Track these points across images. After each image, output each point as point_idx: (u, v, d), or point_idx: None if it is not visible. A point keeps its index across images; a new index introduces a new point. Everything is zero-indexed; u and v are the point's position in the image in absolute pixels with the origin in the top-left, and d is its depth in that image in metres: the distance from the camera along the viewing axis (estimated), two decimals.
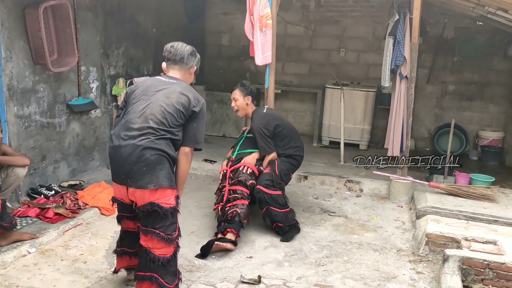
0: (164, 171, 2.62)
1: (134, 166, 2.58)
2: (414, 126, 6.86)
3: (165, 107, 2.69)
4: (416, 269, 3.56)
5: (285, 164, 4.22)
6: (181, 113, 2.71)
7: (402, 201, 5.09)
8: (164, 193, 2.63)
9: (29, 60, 4.37)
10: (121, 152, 2.63)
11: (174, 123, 2.70)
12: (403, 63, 4.98)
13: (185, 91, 2.78)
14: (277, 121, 4.24)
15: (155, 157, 2.60)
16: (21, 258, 3.44)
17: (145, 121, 2.66)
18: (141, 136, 2.62)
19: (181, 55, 2.91)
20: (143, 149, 2.59)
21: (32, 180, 4.57)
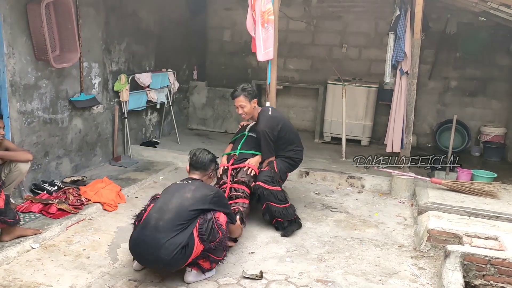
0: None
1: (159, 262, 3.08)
2: (416, 122, 6.87)
3: (179, 204, 3.12)
4: (417, 264, 3.57)
5: (283, 163, 4.31)
6: (189, 212, 3.11)
7: (403, 197, 5.10)
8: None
9: (31, 56, 4.38)
10: (141, 247, 3.09)
11: (185, 219, 3.09)
12: (403, 59, 4.98)
13: (195, 191, 3.21)
14: (281, 125, 4.25)
15: (169, 254, 2.99)
16: (24, 253, 3.46)
17: (161, 216, 3.10)
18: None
19: (202, 163, 3.40)
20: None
21: (35, 175, 4.59)
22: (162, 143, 6.77)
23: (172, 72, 6.88)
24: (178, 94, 7.44)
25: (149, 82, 6.24)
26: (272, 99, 5.37)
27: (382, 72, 5.68)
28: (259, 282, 3.19)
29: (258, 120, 4.25)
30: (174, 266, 3.01)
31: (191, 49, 7.88)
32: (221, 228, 3.12)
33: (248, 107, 4.19)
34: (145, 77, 6.17)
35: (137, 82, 6.04)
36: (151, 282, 3.15)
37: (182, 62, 7.65)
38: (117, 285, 3.09)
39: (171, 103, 6.93)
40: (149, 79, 6.24)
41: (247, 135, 4.39)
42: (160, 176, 5.56)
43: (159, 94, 6.62)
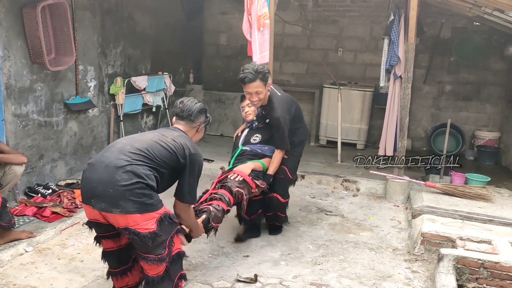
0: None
1: (101, 186, 2.43)
2: (410, 126, 6.90)
3: (154, 141, 2.61)
4: (411, 268, 3.58)
5: (294, 158, 3.90)
6: (166, 153, 2.58)
7: (398, 200, 5.12)
8: (136, 219, 2.41)
9: (26, 59, 4.38)
10: (91, 171, 2.50)
11: (159, 158, 2.56)
12: (397, 63, 5.01)
13: (177, 138, 2.68)
14: (295, 104, 3.77)
15: (125, 179, 2.41)
16: (18, 256, 3.45)
17: (129, 146, 2.55)
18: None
19: (188, 111, 2.86)
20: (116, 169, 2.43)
21: (29, 179, 4.58)
22: None
23: (168, 75, 6.89)
24: (174, 97, 7.43)
25: (145, 85, 6.25)
26: None
27: (377, 76, 5.71)
28: (253, 286, 3.19)
29: (272, 106, 3.57)
30: (123, 201, 2.36)
31: (187, 53, 7.90)
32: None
33: (264, 93, 3.45)
34: (141, 80, 6.17)
35: (133, 85, 6.05)
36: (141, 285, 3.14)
37: (178, 66, 7.66)
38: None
39: (167, 106, 6.94)
40: (145, 82, 6.24)
41: (240, 149, 3.90)
42: None
43: (155, 97, 6.63)
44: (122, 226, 2.42)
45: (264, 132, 3.92)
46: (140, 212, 2.39)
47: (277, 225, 4.07)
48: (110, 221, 2.47)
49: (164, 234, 2.47)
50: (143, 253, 2.48)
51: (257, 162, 3.73)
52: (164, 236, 2.47)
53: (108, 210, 2.39)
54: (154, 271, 2.51)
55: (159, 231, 2.44)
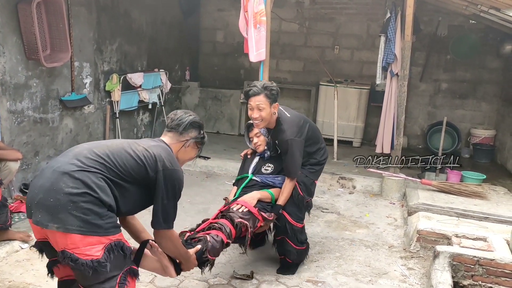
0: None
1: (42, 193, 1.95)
2: (407, 124, 6.91)
3: (123, 150, 2.12)
4: (407, 265, 3.59)
5: (311, 174, 3.42)
6: (134, 163, 2.09)
7: (394, 198, 5.13)
8: (75, 239, 1.90)
9: (22, 55, 4.35)
10: (38, 177, 2.04)
11: (124, 168, 2.06)
12: (394, 61, 5.02)
13: (157, 148, 2.21)
14: (308, 123, 3.36)
15: (71, 189, 1.92)
16: (13, 253, 3.43)
17: (89, 151, 2.06)
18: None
19: (178, 121, 2.39)
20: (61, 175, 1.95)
21: (25, 175, 4.56)
22: None
23: (164, 72, 6.86)
24: (170, 94, 7.43)
25: (141, 82, 6.23)
26: None
27: (374, 74, 5.71)
28: (249, 282, 3.20)
29: (278, 129, 3.23)
30: (64, 214, 1.87)
31: (183, 50, 7.87)
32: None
33: (267, 110, 3.11)
34: (137, 77, 6.15)
35: (129, 82, 6.02)
36: (141, 282, 3.13)
37: (175, 63, 7.64)
38: None
39: (163, 103, 6.92)
40: (141, 79, 6.22)
41: (250, 178, 3.45)
42: None
43: (151, 94, 6.61)
44: (59, 247, 1.91)
45: (276, 162, 3.47)
46: (83, 232, 1.88)
47: (288, 262, 3.37)
48: (50, 241, 1.97)
49: (113, 267, 1.95)
50: (81, 284, 1.99)
51: (265, 192, 3.28)
52: (112, 269, 1.95)
53: (43, 224, 1.89)
54: None
55: (105, 261, 1.91)
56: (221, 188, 5.29)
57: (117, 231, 2.00)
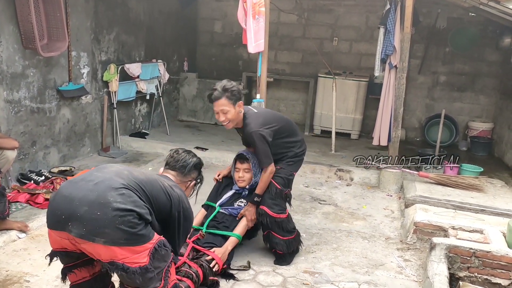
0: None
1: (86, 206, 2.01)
2: (405, 116, 6.90)
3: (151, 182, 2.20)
4: (403, 256, 3.61)
5: (289, 167, 3.46)
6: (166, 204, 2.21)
7: (391, 190, 5.14)
8: (124, 252, 2.00)
9: (19, 45, 4.32)
10: (68, 188, 2.08)
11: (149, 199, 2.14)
12: (393, 53, 5.00)
13: (178, 188, 2.35)
14: (276, 117, 3.47)
15: (118, 201, 2.00)
16: (11, 243, 3.43)
17: (118, 175, 2.13)
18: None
19: (183, 163, 2.54)
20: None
21: (22, 165, 4.55)
22: (151, 134, 6.73)
23: (162, 63, 6.83)
24: (168, 85, 7.40)
25: (139, 72, 6.20)
26: (262, 92, 5.36)
27: (373, 66, 5.69)
28: (246, 273, 3.21)
29: (245, 124, 3.29)
30: (110, 229, 1.93)
31: (181, 40, 7.82)
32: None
33: (232, 112, 3.17)
34: (135, 68, 6.12)
35: (126, 72, 5.99)
36: None
37: (173, 53, 7.60)
38: None
39: (161, 94, 6.89)
40: (139, 70, 6.19)
41: (216, 212, 3.44)
42: (149, 167, 5.53)
43: (149, 85, 6.58)
44: (105, 259, 1.99)
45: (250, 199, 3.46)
46: (130, 244, 1.97)
47: (279, 253, 3.39)
48: (87, 251, 2.03)
49: (158, 266, 2.09)
50: (134, 286, 2.09)
51: (235, 239, 3.28)
52: (156, 269, 2.08)
53: (89, 238, 1.93)
54: None
55: (151, 266, 2.04)
56: None
57: (154, 232, 2.10)
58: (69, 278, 2.23)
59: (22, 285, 2.92)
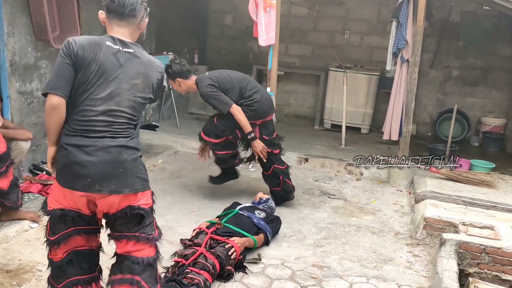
0: (139, 173, 2.24)
1: (110, 169, 2.15)
2: (416, 111, 6.84)
3: (132, 98, 2.22)
4: (413, 252, 3.60)
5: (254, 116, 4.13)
6: (148, 96, 2.30)
7: (401, 185, 5.12)
8: (141, 196, 2.26)
9: (31, 36, 4.35)
10: (87, 153, 2.14)
11: (140, 112, 2.31)
12: (405, 47, 4.95)
13: (149, 65, 2.31)
14: (224, 74, 4.14)
15: (132, 157, 2.20)
16: (23, 232, 3.48)
17: (114, 116, 2.18)
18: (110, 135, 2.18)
19: (131, 5, 2.22)
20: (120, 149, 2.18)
21: (34, 156, 4.59)
22: (161, 127, 6.76)
23: (173, 56, 6.83)
24: None
25: None
26: (273, 85, 5.36)
27: (384, 60, 5.65)
28: (255, 266, 3.22)
29: (198, 88, 4.11)
30: (132, 179, 2.19)
31: (192, 33, 7.81)
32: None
33: (176, 86, 4.23)
34: None
35: None
36: None
37: (183, 46, 7.59)
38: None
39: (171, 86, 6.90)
40: None
41: (236, 212, 3.62)
42: (159, 160, 5.56)
43: None
44: (123, 205, 2.19)
45: (268, 215, 3.74)
46: (144, 189, 2.25)
47: (277, 190, 4.32)
48: (103, 208, 2.21)
49: (153, 209, 2.34)
50: (133, 232, 2.24)
51: (251, 240, 3.36)
52: (153, 215, 2.33)
53: (119, 191, 2.15)
54: (144, 252, 2.26)
55: (152, 207, 2.32)
56: None
57: None
58: (69, 245, 2.29)
59: (34, 274, 2.97)
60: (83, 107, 2.15)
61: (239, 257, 3.15)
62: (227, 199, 4.35)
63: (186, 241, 3.24)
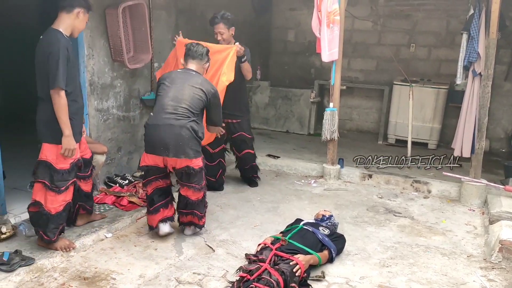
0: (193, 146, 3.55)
1: (175, 142, 3.48)
2: (489, 126, 6.46)
3: (194, 93, 3.62)
4: (487, 276, 3.40)
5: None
6: (203, 100, 3.66)
7: (474, 204, 4.85)
8: (194, 160, 3.56)
9: (108, 58, 4.67)
10: (160, 130, 3.50)
11: (197, 108, 3.63)
12: (476, 60, 4.73)
13: (205, 84, 3.71)
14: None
15: (188, 135, 3.50)
16: (99, 242, 3.71)
17: (178, 105, 3.56)
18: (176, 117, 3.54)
19: (199, 53, 3.81)
20: (180, 127, 3.49)
21: (108, 169, 4.89)
22: None
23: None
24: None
25: None
26: (335, 100, 5.34)
27: (452, 73, 5.44)
28: (319, 284, 3.20)
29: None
30: (188, 149, 3.50)
31: (255, 49, 7.93)
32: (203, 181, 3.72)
33: (227, 34, 4.69)
34: None
35: None
36: (213, 276, 3.26)
37: None
38: (182, 277, 3.23)
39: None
40: None
41: (301, 227, 3.60)
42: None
43: None
44: (182, 165, 3.53)
45: (332, 232, 3.72)
46: (196, 157, 3.55)
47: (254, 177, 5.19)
48: (170, 164, 3.57)
49: (204, 169, 3.68)
50: (190, 183, 3.60)
51: (315, 257, 3.34)
52: (203, 170, 3.67)
53: (178, 155, 3.47)
54: (195, 196, 3.67)
55: (203, 166, 3.67)
56: (290, 187, 5.31)
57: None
58: (154, 185, 3.70)
59: (109, 282, 3.15)
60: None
61: (303, 274, 3.14)
62: (289, 215, 4.37)
63: (251, 256, 3.28)
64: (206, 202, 3.84)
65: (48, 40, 3.13)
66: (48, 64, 3.07)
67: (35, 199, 3.28)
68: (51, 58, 3.06)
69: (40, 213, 3.26)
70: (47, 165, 3.21)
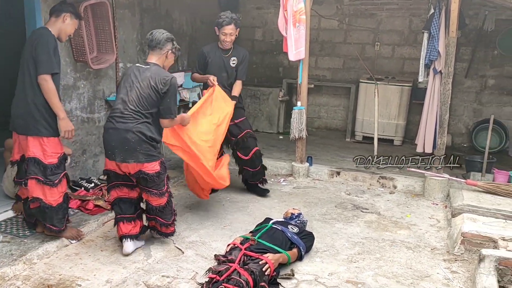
0: (142, 150, 3.32)
1: (121, 146, 3.30)
2: (451, 122, 6.70)
3: (141, 92, 3.35)
4: (450, 268, 3.51)
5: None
6: (153, 96, 3.36)
7: (437, 198, 5.00)
8: (146, 165, 3.35)
9: (70, 58, 4.55)
10: (108, 134, 3.38)
11: (148, 108, 3.37)
12: (437, 58, 4.87)
13: (154, 76, 3.37)
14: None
15: (135, 138, 3.29)
16: (63, 248, 3.61)
17: (125, 107, 3.35)
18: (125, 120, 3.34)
19: (157, 41, 3.49)
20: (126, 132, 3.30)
21: (73, 173, 4.76)
22: None
23: None
24: None
25: (182, 81, 6.36)
26: (303, 99, 5.38)
27: (416, 71, 5.58)
28: (289, 282, 3.22)
29: (235, 49, 4.77)
30: (136, 153, 3.30)
31: None
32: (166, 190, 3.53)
33: (234, 36, 4.61)
34: (178, 77, 6.27)
35: None
36: (182, 278, 3.23)
37: None
38: (151, 281, 3.19)
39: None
40: (182, 79, 6.35)
41: (270, 226, 3.61)
42: None
43: (191, 93, 6.73)
44: (135, 170, 3.33)
45: (301, 230, 3.75)
46: (148, 161, 3.33)
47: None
48: (124, 170, 3.37)
49: (163, 173, 3.44)
50: (147, 187, 3.40)
51: (285, 256, 3.36)
52: (163, 175, 3.43)
53: (126, 160, 3.29)
54: (156, 201, 3.48)
55: (162, 171, 3.42)
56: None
57: (161, 155, 3.50)
58: (117, 192, 3.52)
59: None
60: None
61: (273, 273, 3.15)
62: (259, 214, 4.38)
63: (220, 257, 3.27)
64: (174, 210, 3.66)
65: (38, 32, 3.38)
66: (36, 52, 3.27)
67: (32, 196, 3.39)
68: (40, 46, 3.26)
69: (42, 207, 3.40)
70: (36, 161, 3.35)
